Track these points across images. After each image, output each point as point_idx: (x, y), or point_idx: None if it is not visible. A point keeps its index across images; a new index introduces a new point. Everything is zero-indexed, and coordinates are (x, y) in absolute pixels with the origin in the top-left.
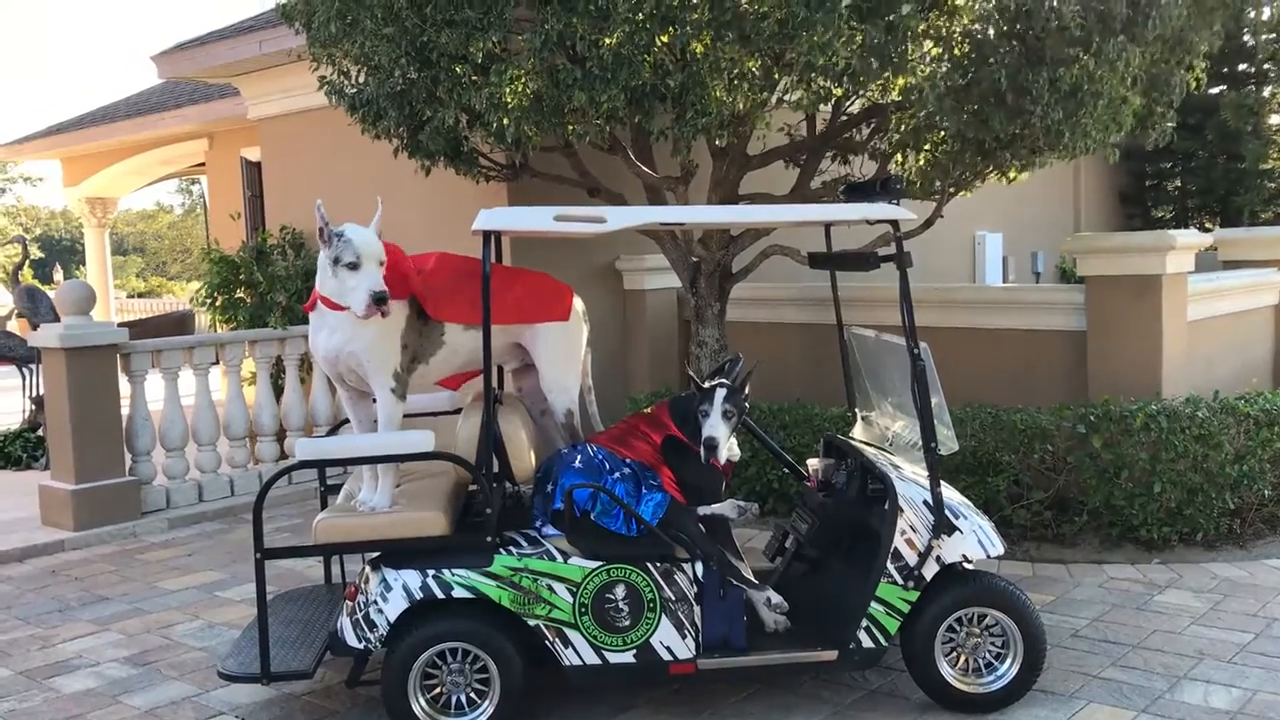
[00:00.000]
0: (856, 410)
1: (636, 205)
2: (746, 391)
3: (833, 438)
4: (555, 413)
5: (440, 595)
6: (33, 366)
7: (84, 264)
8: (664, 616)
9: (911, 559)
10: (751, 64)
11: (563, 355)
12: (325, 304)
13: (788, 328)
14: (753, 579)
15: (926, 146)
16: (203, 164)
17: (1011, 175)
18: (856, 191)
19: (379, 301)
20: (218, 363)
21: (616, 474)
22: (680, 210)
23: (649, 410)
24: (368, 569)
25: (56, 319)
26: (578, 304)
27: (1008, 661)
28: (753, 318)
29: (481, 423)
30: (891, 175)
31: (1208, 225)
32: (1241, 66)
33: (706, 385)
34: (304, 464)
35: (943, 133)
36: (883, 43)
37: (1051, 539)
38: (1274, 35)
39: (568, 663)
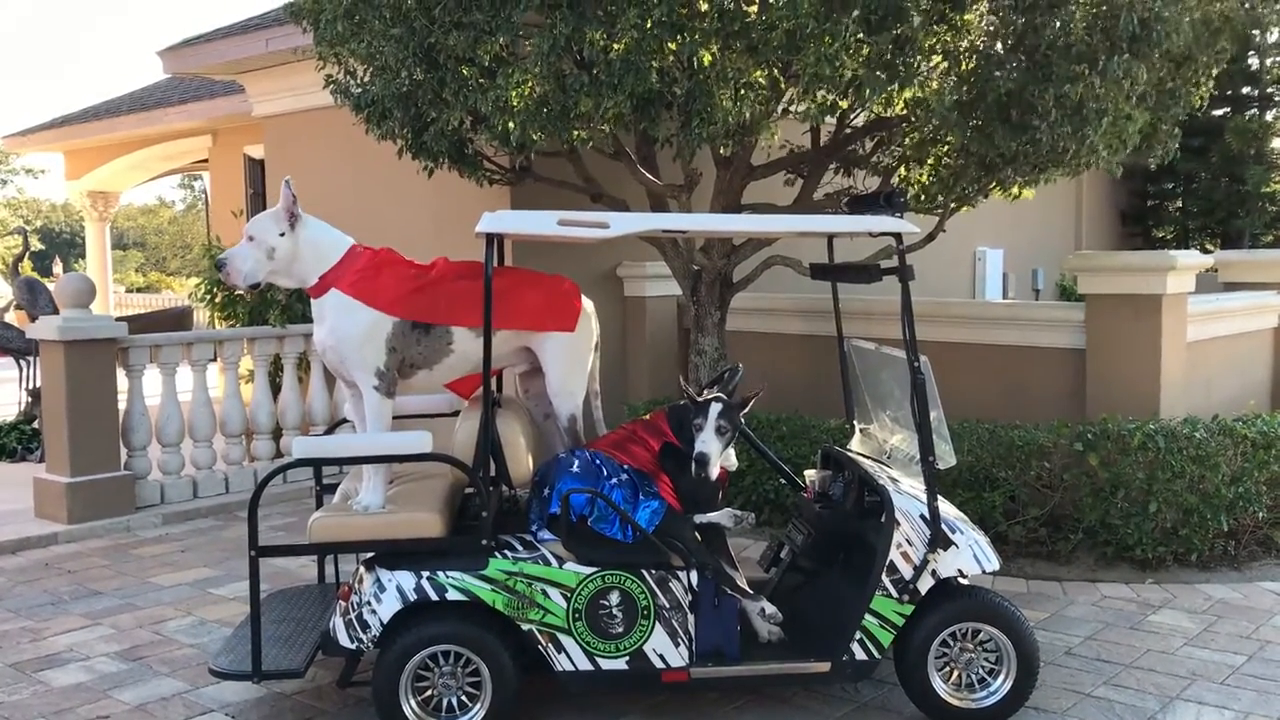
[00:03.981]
0: (855, 422)
1: (639, 212)
2: (747, 409)
3: (830, 449)
4: (559, 417)
5: (434, 597)
6: (30, 358)
7: (84, 257)
8: (658, 624)
9: (907, 572)
10: (758, 74)
11: (571, 361)
12: None
13: (787, 338)
14: (747, 588)
15: (930, 160)
16: (205, 160)
17: (1015, 191)
18: (860, 204)
19: (218, 267)
20: (216, 359)
21: (614, 480)
22: (683, 217)
23: (648, 416)
24: (362, 569)
25: (55, 311)
26: (587, 305)
27: (1000, 677)
28: (753, 327)
29: (479, 425)
30: (895, 188)
31: (1208, 247)
32: (1245, 90)
33: (702, 399)
34: (300, 462)
35: (947, 147)
36: (890, 55)
37: (1046, 556)
38: None
39: (560, 668)
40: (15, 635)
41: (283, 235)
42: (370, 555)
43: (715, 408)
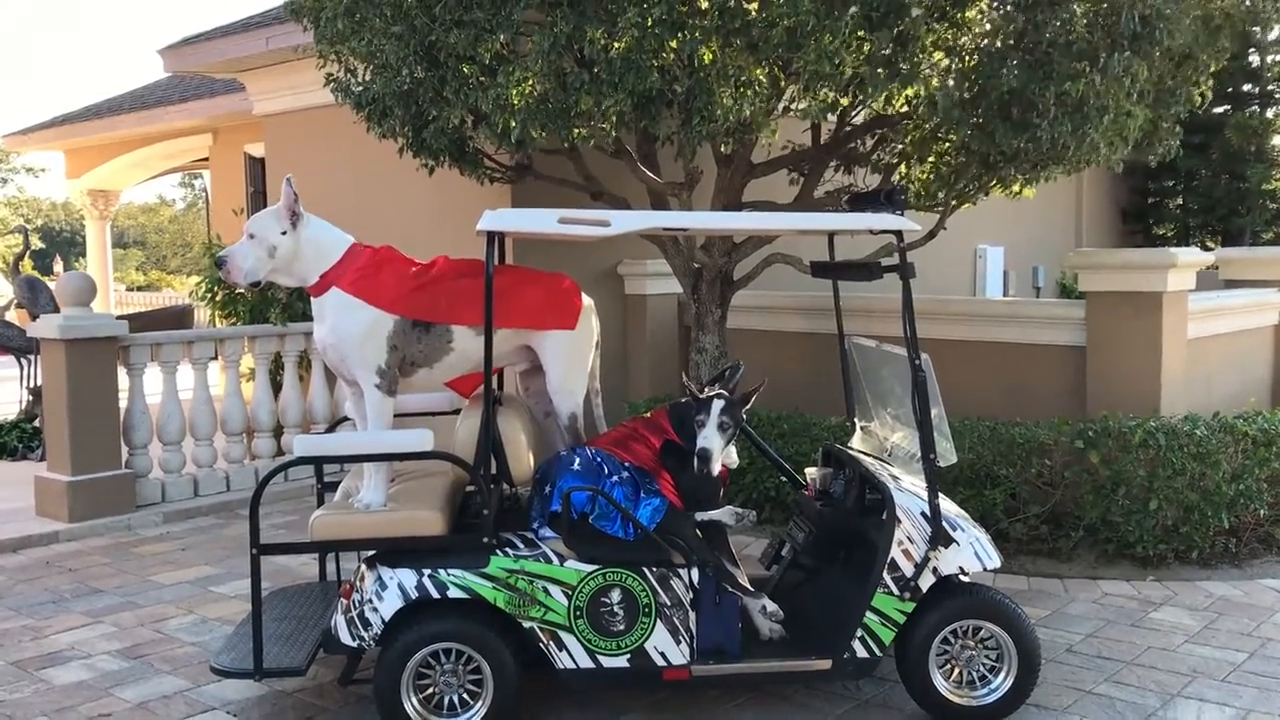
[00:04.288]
0: (856, 420)
1: (640, 210)
2: (749, 405)
3: (831, 447)
4: (560, 415)
5: (435, 595)
6: (31, 357)
7: (84, 256)
8: (659, 621)
9: (908, 570)
10: (759, 72)
11: (571, 359)
12: None
13: (788, 336)
14: (749, 586)
15: (931, 158)
16: (206, 159)
17: (1016, 189)
18: (861, 201)
19: (218, 265)
20: (216, 358)
21: (615, 478)
22: (684, 215)
23: (649, 414)
24: (363, 567)
25: (56, 310)
26: (587, 303)
27: (1001, 675)
28: (753, 325)
29: (480, 423)
30: (896, 186)
31: (1209, 244)
32: (1246, 87)
33: (704, 395)
34: (302, 460)
35: (948, 144)
36: (891, 52)
37: (1047, 554)
38: None
39: (561, 666)
40: (17, 633)
41: (284, 234)
42: (371, 553)
43: (717, 404)
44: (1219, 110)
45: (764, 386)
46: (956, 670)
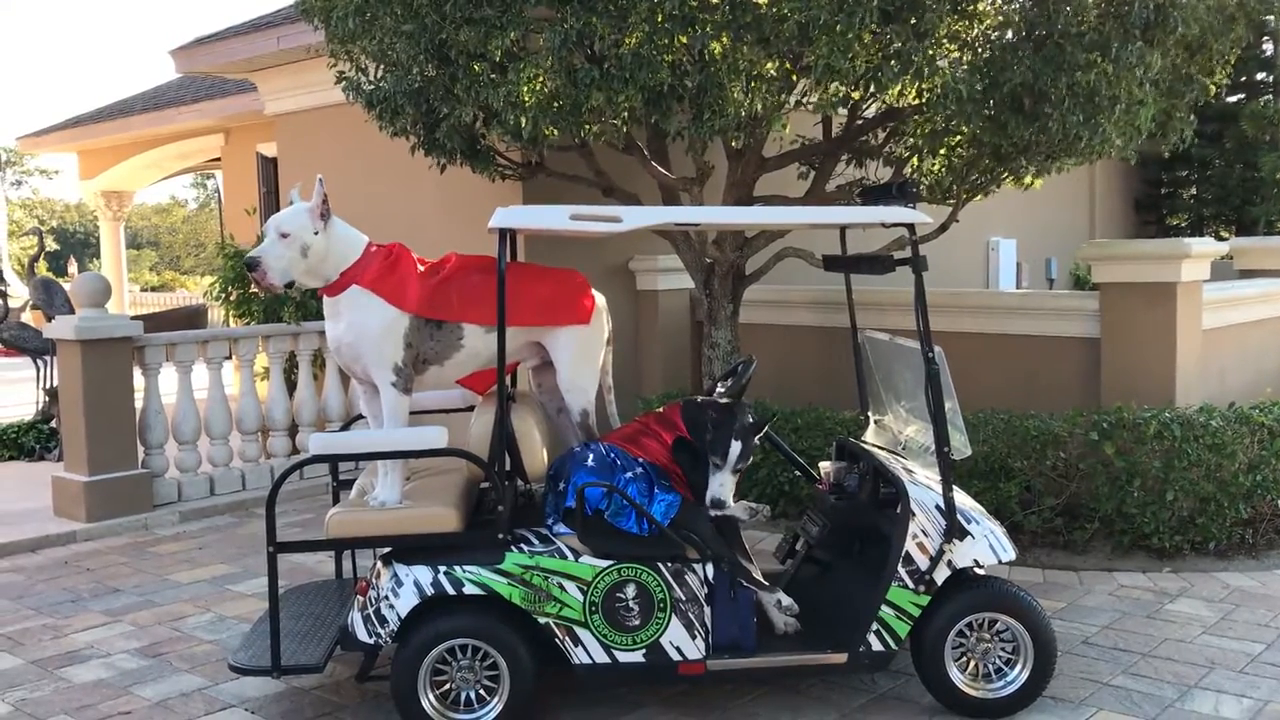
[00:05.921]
0: (869, 414)
1: (651, 205)
2: (761, 433)
3: (845, 441)
4: (571, 412)
5: (451, 591)
6: (47, 358)
7: (98, 257)
8: (674, 617)
9: (923, 563)
10: (770, 66)
11: (582, 355)
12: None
13: (801, 330)
14: (763, 581)
15: (943, 151)
16: (218, 159)
17: (1027, 181)
18: (872, 195)
19: (250, 268)
20: (231, 357)
21: (629, 473)
22: (695, 211)
23: (661, 410)
24: (379, 564)
25: (71, 311)
26: (599, 300)
27: (1018, 667)
28: (766, 320)
29: (494, 420)
30: (908, 179)
31: (1223, 234)
32: (1260, 76)
33: (720, 405)
34: (317, 459)
35: (959, 137)
36: (904, 46)
37: (1062, 546)
38: None
39: (577, 661)
40: (37, 632)
41: (317, 234)
42: (387, 550)
43: (734, 449)
44: (1233, 99)
45: (772, 422)
46: (972, 663)
